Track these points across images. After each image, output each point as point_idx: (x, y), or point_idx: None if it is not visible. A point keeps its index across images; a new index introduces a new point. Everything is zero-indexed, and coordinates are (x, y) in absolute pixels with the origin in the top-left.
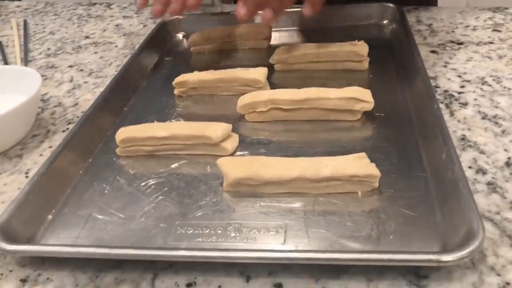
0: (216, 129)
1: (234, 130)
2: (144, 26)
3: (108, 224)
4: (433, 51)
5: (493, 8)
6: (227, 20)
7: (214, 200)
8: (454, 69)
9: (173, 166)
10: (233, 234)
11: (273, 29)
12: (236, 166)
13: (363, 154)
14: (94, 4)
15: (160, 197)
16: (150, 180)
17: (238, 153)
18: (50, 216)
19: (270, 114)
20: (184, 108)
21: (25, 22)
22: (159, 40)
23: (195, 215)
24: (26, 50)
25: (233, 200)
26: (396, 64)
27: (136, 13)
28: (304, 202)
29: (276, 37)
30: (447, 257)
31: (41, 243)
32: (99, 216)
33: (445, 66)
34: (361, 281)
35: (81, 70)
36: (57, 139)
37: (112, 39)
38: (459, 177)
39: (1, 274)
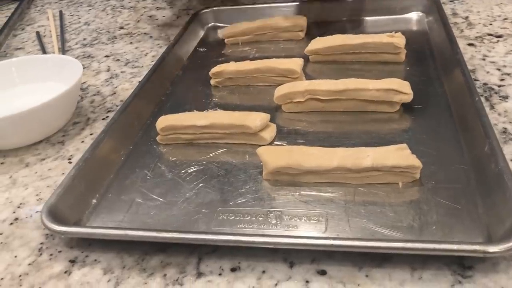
0: (255, 119)
1: (271, 120)
2: (177, 18)
3: (151, 209)
4: (470, 44)
5: None
6: (260, 12)
7: (254, 188)
8: (493, 62)
9: (212, 154)
10: (274, 222)
11: (307, 21)
12: (276, 155)
13: (404, 145)
14: None
15: (201, 184)
16: (191, 168)
17: (275, 142)
18: (94, 201)
19: (307, 104)
20: (221, 98)
21: (60, 12)
22: (193, 31)
23: (236, 202)
24: (63, 40)
25: (273, 189)
26: (433, 56)
27: (169, 5)
28: (344, 192)
29: (311, 29)
30: (493, 248)
31: (87, 225)
32: (142, 201)
33: (484, 59)
34: (405, 270)
35: (118, 60)
36: (98, 127)
37: (147, 30)
38: (503, 170)
39: (51, 255)
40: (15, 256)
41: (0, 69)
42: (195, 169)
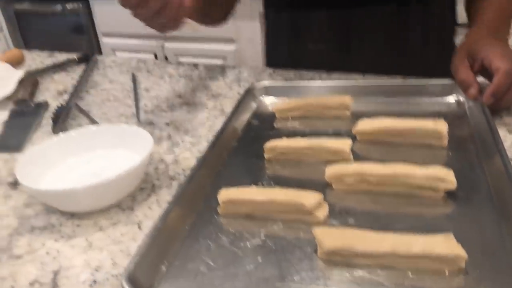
0: (310, 198)
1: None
2: (230, 89)
3: (215, 279)
4: (511, 132)
5: None
6: (307, 89)
7: (310, 266)
8: None
9: (269, 228)
10: None
11: (352, 99)
12: (332, 237)
13: (451, 235)
14: (182, 64)
15: (259, 258)
16: (249, 241)
17: (328, 221)
18: (164, 268)
19: (357, 185)
20: (274, 172)
21: (133, 76)
22: (247, 103)
23: (293, 279)
24: (137, 104)
25: (328, 268)
26: (474, 142)
27: (221, 75)
28: (394, 276)
29: (356, 106)
30: None
31: None
32: (206, 271)
33: None
34: None
35: (177, 128)
36: (163, 194)
37: (202, 100)
38: None
39: None
40: None
41: (83, 134)
42: (254, 242)
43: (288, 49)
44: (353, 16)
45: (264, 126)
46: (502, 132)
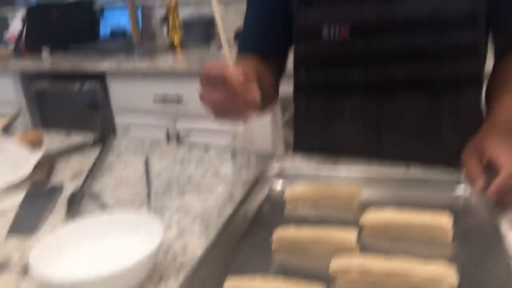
0: None
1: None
2: (240, 174)
3: None
4: None
5: None
6: (318, 176)
7: None
8: None
9: None
10: None
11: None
12: None
13: None
14: (194, 146)
15: None
16: None
17: None
18: None
19: (361, 278)
20: (281, 261)
21: (146, 162)
22: (256, 190)
23: None
24: (149, 189)
25: None
26: (479, 237)
27: (231, 159)
28: None
29: (364, 193)
30: None
31: None
32: None
33: None
34: None
35: (187, 214)
36: (171, 282)
37: (212, 185)
38: None
39: None
40: None
41: (96, 222)
42: None
43: (319, 133)
44: (385, 104)
45: (274, 212)
46: (506, 228)
